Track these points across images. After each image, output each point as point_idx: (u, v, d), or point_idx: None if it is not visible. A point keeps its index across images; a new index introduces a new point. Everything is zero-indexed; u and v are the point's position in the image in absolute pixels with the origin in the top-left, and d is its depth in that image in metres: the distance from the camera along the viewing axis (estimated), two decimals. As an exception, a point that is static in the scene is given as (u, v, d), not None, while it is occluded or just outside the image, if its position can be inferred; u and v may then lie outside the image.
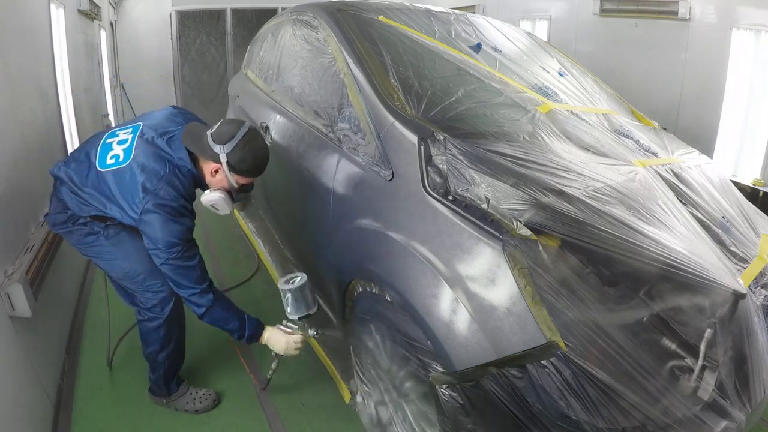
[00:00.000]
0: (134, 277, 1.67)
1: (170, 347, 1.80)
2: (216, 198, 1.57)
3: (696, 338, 1.14)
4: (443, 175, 1.34)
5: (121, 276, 1.70)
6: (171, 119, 1.65)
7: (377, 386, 1.61)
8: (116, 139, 1.59)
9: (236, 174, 1.54)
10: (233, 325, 1.64)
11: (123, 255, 1.65)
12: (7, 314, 1.60)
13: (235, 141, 1.49)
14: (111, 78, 5.63)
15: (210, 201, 1.59)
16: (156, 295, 1.69)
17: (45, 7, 2.80)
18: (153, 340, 1.77)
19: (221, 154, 1.49)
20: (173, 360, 1.85)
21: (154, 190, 1.47)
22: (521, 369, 1.11)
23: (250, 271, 2.95)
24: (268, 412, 1.93)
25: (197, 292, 1.55)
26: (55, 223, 1.68)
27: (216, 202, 1.58)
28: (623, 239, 1.18)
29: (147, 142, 1.55)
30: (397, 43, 1.95)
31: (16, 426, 1.52)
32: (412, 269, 1.30)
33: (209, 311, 1.58)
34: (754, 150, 3.19)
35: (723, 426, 1.13)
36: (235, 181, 1.56)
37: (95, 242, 1.66)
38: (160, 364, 1.81)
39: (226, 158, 1.49)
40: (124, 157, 1.54)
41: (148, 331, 1.76)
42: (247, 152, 1.51)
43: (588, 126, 1.74)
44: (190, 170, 1.55)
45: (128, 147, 1.55)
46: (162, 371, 1.83)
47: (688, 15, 3.42)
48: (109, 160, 1.55)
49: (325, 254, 1.83)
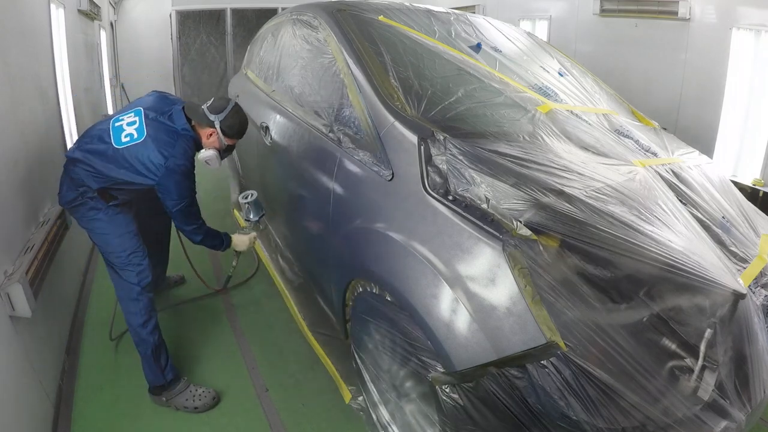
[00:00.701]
0: (119, 253, 1.91)
1: (152, 321, 1.94)
2: (210, 154, 1.98)
3: (696, 338, 1.14)
4: (443, 175, 1.34)
5: (109, 250, 1.92)
6: (162, 101, 2.00)
7: (377, 386, 1.61)
8: (124, 122, 1.89)
9: (226, 136, 1.95)
10: (217, 242, 2.13)
11: (115, 233, 1.91)
12: (7, 314, 1.60)
13: (226, 112, 1.92)
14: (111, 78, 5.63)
15: (205, 157, 1.99)
16: (136, 268, 1.92)
17: (45, 7, 2.80)
18: (135, 313, 1.91)
19: (216, 121, 1.90)
20: (158, 336, 1.95)
21: (171, 154, 1.83)
22: (521, 369, 1.11)
23: (250, 270, 2.95)
24: (268, 412, 1.93)
25: (196, 227, 2.00)
26: (66, 200, 1.90)
27: (210, 158, 1.99)
28: (623, 239, 1.18)
29: (154, 120, 1.88)
30: (397, 43, 1.95)
31: (16, 426, 1.52)
32: (412, 269, 1.30)
33: (203, 239, 2.05)
34: (754, 150, 3.19)
35: (723, 426, 1.13)
36: (225, 142, 1.97)
37: (95, 216, 1.90)
38: (147, 339, 1.91)
39: (219, 125, 1.91)
40: (138, 135, 1.84)
41: (130, 303, 1.92)
42: (234, 120, 1.95)
43: (588, 126, 1.74)
44: (192, 136, 1.93)
45: (139, 126, 1.86)
46: (151, 349, 1.92)
47: (688, 15, 3.42)
48: (124, 139, 1.84)
49: (325, 254, 1.83)
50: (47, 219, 2.11)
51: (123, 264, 1.91)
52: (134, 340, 1.94)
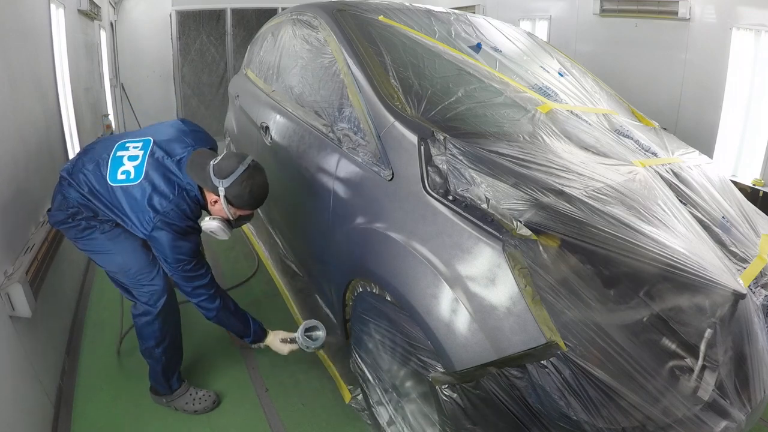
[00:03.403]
0: (127, 271, 1.72)
1: (166, 342, 1.82)
2: (214, 226, 1.68)
3: (696, 338, 1.14)
4: (443, 175, 1.34)
5: (115, 270, 1.75)
6: (180, 139, 1.71)
7: (377, 386, 1.61)
8: (127, 154, 1.65)
9: (233, 207, 1.62)
10: (238, 329, 1.80)
11: (117, 249, 1.71)
12: (7, 314, 1.60)
13: (234, 177, 1.56)
14: (111, 78, 5.63)
15: (209, 229, 1.69)
16: (149, 288, 1.73)
17: (45, 7, 2.80)
18: (148, 335, 1.79)
19: (220, 188, 1.56)
20: (170, 355, 1.86)
21: (164, 211, 1.57)
22: (521, 369, 1.11)
23: (250, 270, 2.95)
24: (268, 412, 1.93)
25: (205, 298, 1.70)
26: (56, 221, 1.72)
27: (214, 230, 1.69)
28: (623, 239, 1.18)
29: (157, 161, 1.63)
30: (397, 43, 1.95)
31: (16, 426, 1.52)
32: (412, 269, 1.30)
33: (217, 315, 1.74)
34: (754, 150, 3.19)
35: (723, 426, 1.13)
36: (233, 213, 1.65)
37: (91, 236, 1.70)
38: (158, 359, 1.83)
39: (224, 192, 1.57)
40: (135, 175, 1.61)
41: (143, 326, 1.79)
42: (244, 188, 1.58)
43: (588, 126, 1.74)
44: (196, 195, 1.64)
45: (139, 165, 1.62)
46: (160, 367, 1.84)
47: (688, 15, 3.42)
48: (120, 176, 1.62)
49: (325, 254, 1.83)
50: (47, 219, 2.11)
51: (132, 284, 1.74)
52: (143, 353, 1.85)
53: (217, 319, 1.75)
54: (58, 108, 2.85)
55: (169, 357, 1.85)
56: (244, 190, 1.57)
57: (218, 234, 1.70)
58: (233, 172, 1.55)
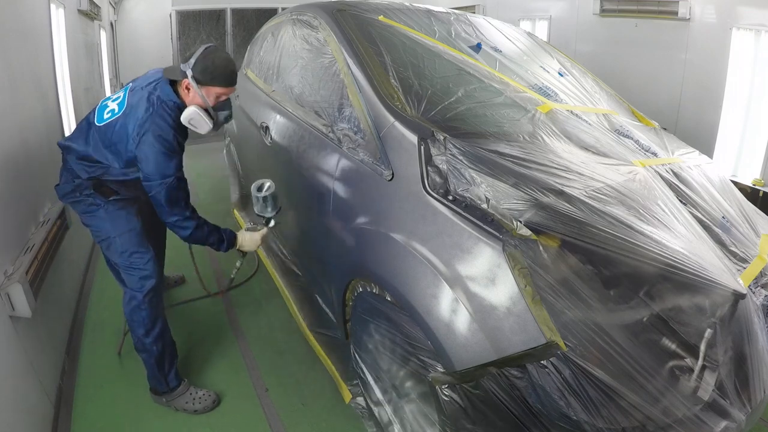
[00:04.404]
0: (122, 253, 1.80)
1: (156, 330, 1.85)
2: (191, 112, 1.69)
3: (696, 338, 1.14)
4: (443, 175, 1.34)
5: (111, 250, 1.83)
6: (154, 72, 1.82)
7: (377, 386, 1.61)
8: (110, 100, 1.78)
9: (202, 85, 1.68)
10: (213, 239, 1.84)
11: (116, 230, 1.80)
12: (7, 314, 1.60)
13: (196, 56, 1.67)
14: (111, 78, 5.63)
15: (187, 117, 1.70)
16: (139, 272, 1.81)
17: (45, 7, 2.79)
18: (138, 322, 1.83)
19: (188, 70, 1.66)
20: (163, 346, 1.88)
21: (149, 122, 1.64)
22: (521, 369, 1.11)
23: (251, 270, 2.95)
24: (268, 412, 1.93)
25: (183, 217, 1.74)
26: (64, 193, 1.81)
27: (191, 117, 1.69)
28: (623, 239, 1.18)
29: (137, 91, 1.73)
30: (397, 43, 1.95)
31: (16, 426, 1.52)
32: (412, 269, 1.30)
33: (193, 233, 1.77)
34: (754, 150, 3.19)
35: (723, 426, 1.13)
36: (204, 94, 1.69)
37: (95, 212, 1.81)
38: (150, 349, 1.85)
39: (191, 72, 1.66)
40: (119, 109, 1.72)
41: (132, 312, 1.83)
42: (207, 62, 1.66)
43: (588, 126, 1.74)
44: (175, 102, 1.70)
45: (121, 100, 1.73)
46: (154, 359, 1.86)
47: (688, 15, 3.42)
48: (105, 115, 1.73)
49: (325, 254, 1.83)
50: (47, 219, 2.11)
51: (125, 266, 1.82)
52: (136, 346, 1.89)
53: (193, 237, 1.78)
54: (58, 108, 2.85)
55: (160, 348, 1.87)
56: (207, 62, 1.66)
57: (196, 123, 1.70)
58: (194, 53, 1.67)
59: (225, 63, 1.70)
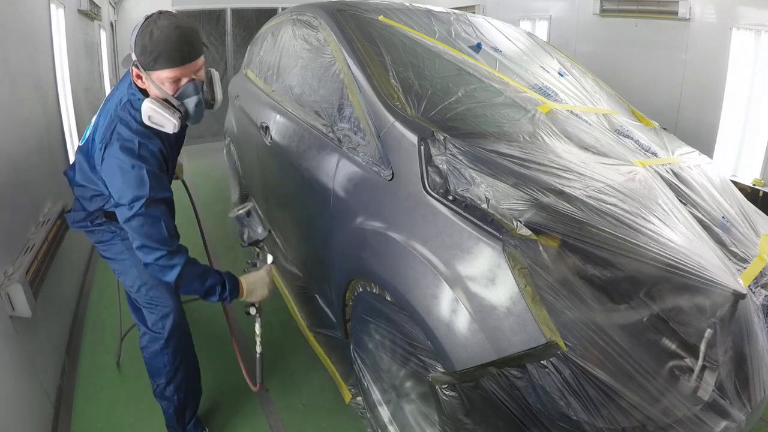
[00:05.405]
0: (141, 287, 1.60)
1: (178, 378, 1.66)
2: (145, 109, 1.33)
3: (696, 338, 1.14)
4: (443, 175, 1.34)
5: (130, 283, 1.64)
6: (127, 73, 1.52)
7: (377, 386, 1.61)
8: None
9: (149, 70, 1.32)
10: (210, 283, 1.44)
11: (135, 259, 1.51)
12: (7, 314, 1.60)
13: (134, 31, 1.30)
14: (111, 78, 5.63)
15: (145, 116, 1.35)
16: (159, 309, 1.62)
17: (45, 7, 2.79)
18: (158, 368, 1.65)
19: (132, 54, 1.33)
20: (184, 395, 1.70)
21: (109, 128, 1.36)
22: (521, 369, 1.11)
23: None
24: (268, 412, 1.93)
25: (165, 253, 1.35)
26: (74, 221, 1.64)
27: (149, 115, 1.34)
28: (623, 239, 1.18)
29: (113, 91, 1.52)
30: (397, 43, 1.95)
31: (16, 426, 1.52)
32: (412, 269, 1.30)
33: (182, 272, 1.37)
34: (754, 150, 3.19)
35: (723, 426, 1.13)
36: (156, 81, 1.34)
37: (111, 241, 1.62)
38: (170, 398, 1.68)
39: (134, 56, 1.32)
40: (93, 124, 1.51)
41: (153, 356, 1.65)
42: (145, 38, 1.27)
43: (588, 126, 1.74)
44: (140, 99, 1.39)
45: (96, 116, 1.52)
46: (173, 408, 1.70)
47: (688, 15, 3.42)
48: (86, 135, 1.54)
49: (325, 254, 1.83)
50: (47, 219, 2.11)
51: (145, 301, 1.62)
52: (154, 392, 1.72)
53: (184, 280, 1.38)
54: (58, 108, 2.85)
55: (182, 397, 1.68)
56: (145, 39, 1.26)
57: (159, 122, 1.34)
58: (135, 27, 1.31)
59: (167, 35, 1.27)
